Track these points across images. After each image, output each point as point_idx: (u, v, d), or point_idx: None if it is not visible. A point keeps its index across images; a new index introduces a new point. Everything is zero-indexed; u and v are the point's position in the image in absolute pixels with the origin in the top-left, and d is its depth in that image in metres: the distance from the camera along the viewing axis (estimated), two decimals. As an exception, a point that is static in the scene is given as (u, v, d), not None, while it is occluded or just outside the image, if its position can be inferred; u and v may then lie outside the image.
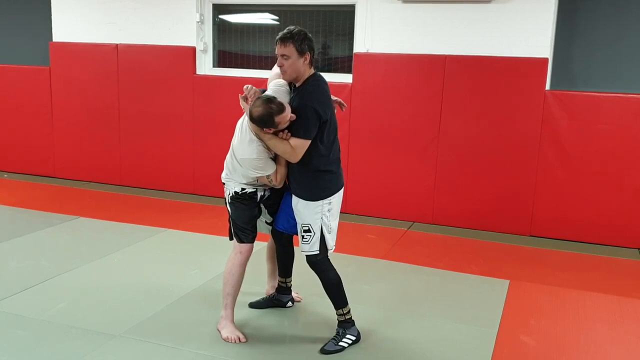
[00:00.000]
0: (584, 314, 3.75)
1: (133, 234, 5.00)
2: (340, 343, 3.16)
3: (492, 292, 4.04)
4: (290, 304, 3.64)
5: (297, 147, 2.98)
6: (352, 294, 3.29)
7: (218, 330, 3.26)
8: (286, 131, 2.99)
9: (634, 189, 5.11)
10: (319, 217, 3.10)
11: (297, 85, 3.10)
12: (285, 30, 3.01)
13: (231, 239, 3.31)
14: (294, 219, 3.23)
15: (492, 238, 5.34)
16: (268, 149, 3.05)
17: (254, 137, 3.03)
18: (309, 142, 2.99)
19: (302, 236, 3.14)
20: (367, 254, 4.68)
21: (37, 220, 5.31)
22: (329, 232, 3.14)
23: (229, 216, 3.28)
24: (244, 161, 3.06)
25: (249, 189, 3.19)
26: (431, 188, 5.67)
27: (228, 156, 3.22)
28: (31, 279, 3.94)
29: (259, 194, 3.24)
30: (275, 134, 2.99)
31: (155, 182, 6.68)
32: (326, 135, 3.05)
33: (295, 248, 3.46)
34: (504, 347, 3.25)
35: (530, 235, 5.44)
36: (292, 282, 3.61)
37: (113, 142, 6.78)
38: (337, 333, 3.20)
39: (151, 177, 6.70)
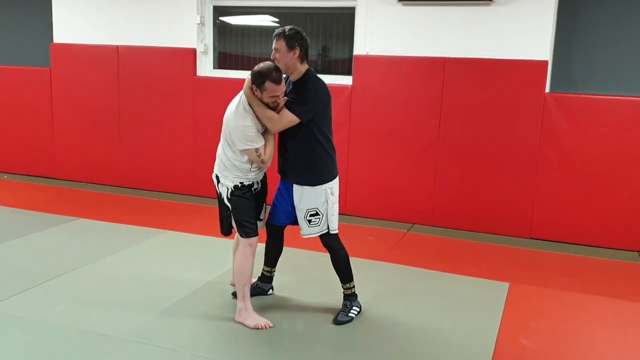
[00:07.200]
0: (584, 317, 3.75)
1: (133, 235, 5.00)
2: (350, 314, 3.47)
3: (492, 294, 4.03)
4: (271, 291, 3.83)
5: (283, 118, 3.19)
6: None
7: (239, 322, 3.38)
8: (281, 104, 3.21)
9: (633, 191, 5.11)
10: (324, 200, 3.36)
11: (293, 80, 3.32)
12: (280, 28, 3.28)
13: (225, 233, 3.55)
14: (290, 212, 3.46)
15: (492, 240, 5.34)
16: (259, 122, 3.22)
17: (248, 108, 3.20)
18: (297, 120, 3.20)
19: (309, 220, 3.38)
20: (367, 256, 4.67)
21: (36, 221, 5.31)
22: (332, 215, 3.41)
23: (223, 212, 3.48)
24: (236, 129, 3.20)
25: (247, 182, 3.35)
26: (431, 190, 5.67)
27: (221, 153, 3.39)
28: (30, 280, 3.93)
29: (254, 187, 3.40)
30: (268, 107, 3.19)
31: (156, 183, 6.68)
32: (329, 119, 3.34)
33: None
34: (504, 350, 3.25)
35: (530, 238, 5.43)
36: (275, 272, 3.81)
37: (113, 143, 6.78)
38: (345, 305, 3.50)
39: (151, 179, 6.69)
